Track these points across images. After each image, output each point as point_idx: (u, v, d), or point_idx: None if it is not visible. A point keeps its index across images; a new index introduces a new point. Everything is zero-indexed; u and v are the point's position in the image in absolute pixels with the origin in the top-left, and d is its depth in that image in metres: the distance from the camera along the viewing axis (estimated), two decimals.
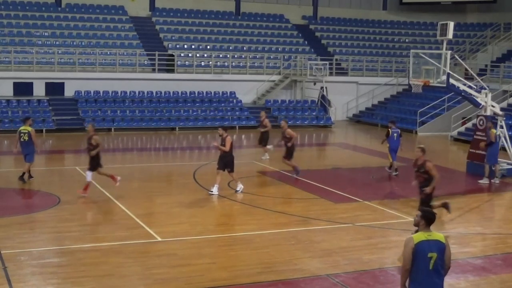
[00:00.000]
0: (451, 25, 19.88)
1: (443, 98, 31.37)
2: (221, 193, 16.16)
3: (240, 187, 16.24)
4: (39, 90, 30.27)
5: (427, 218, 7.05)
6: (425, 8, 43.19)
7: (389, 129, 19.97)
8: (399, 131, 20.10)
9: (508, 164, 19.72)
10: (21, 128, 17.20)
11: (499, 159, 19.56)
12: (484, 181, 18.60)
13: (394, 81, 37.24)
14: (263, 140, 22.13)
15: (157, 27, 36.71)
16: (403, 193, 17.12)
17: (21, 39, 32.11)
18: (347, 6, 42.72)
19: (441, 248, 6.96)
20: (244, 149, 26.47)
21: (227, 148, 15.80)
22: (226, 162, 16.00)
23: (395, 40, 41.68)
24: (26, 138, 16.98)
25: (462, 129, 29.22)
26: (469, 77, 24.99)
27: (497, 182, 18.66)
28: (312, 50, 37.78)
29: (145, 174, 19.20)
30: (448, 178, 20.06)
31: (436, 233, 7.04)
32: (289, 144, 19.07)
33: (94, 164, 15.46)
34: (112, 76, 31.33)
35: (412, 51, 22.29)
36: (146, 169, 20.45)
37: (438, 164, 22.37)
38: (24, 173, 16.95)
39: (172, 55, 33.76)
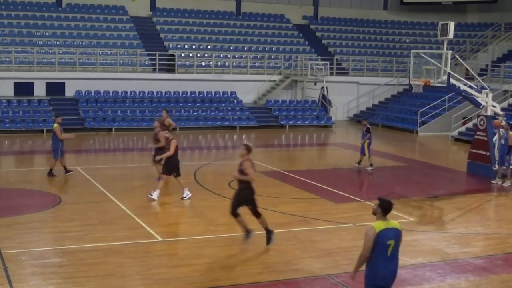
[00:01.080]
0: (452, 25, 19.87)
1: (444, 98, 31.37)
2: (222, 193, 16.15)
3: (187, 194, 15.37)
4: (39, 90, 30.28)
5: (384, 208, 7.47)
6: (426, 8, 43.18)
7: (368, 126, 20.48)
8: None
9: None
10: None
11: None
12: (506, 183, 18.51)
13: (394, 81, 37.23)
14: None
15: (158, 27, 36.71)
16: (404, 193, 17.12)
17: (21, 39, 32.12)
18: (347, 6, 42.71)
19: (397, 235, 7.48)
20: None
21: (171, 151, 15.14)
22: (171, 166, 15.28)
23: (395, 40, 41.67)
24: (51, 135, 17.86)
25: (462, 129, 29.21)
26: (469, 77, 25.00)
27: (499, 182, 18.59)
28: (313, 50, 37.77)
29: (145, 174, 19.18)
30: (448, 178, 20.08)
31: (392, 221, 7.54)
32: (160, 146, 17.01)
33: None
34: (113, 76, 31.33)
35: (412, 51, 22.28)
36: (147, 169, 20.44)
37: (439, 164, 22.55)
38: (51, 169, 17.65)
39: (173, 55, 33.77)
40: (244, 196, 11.56)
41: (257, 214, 11.70)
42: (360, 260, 7.46)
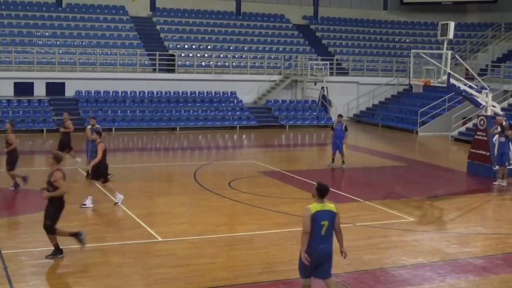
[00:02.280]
0: (452, 25, 19.87)
1: (444, 98, 31.37)
2: (222, 193, 16.15)
3: (119, 198, 14.59)
4: (39, 90, 30.28)
5: (321, 191, 8.25)
6: (426, 8, 43.18)
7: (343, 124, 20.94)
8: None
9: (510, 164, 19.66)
10: None
11: None
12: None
13: (394, 81, 37.24)
14: (65, 144, 19.29)
15: (158, 27, 36.71)
16: (404, 193, 17.13)
17: (21, 39, 32.12)
18: (347, 6, 42.71)
19: (332, 216, 8.20)
20: (244, 149, 26.50)
21: (99, 156, 14.40)
22: (99, 171, 14.48)
23: (395, 40, 41.67)
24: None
25: (462, 129, 29.22)
26: (469, 77, 24.99)
27: (502, 183, 18.53)
28: (313, 50, 37.77)
29: (145, 174, 19.20)
30: (448, 178, 20.08)
31: (329, 204, 8.27)
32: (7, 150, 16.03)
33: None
34: (113, 76, 31.33)
35: (412, 51, 22.29)
36: (147, 169, 20.46)
37: (439, 164, 22.55)
38: (88, 171, 17.18)
39: (173, 55, 33.77)
40: (54, 208, 10.63)
41: (51, 231, 10.64)
42: (303, 238, 8.17)
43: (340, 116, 21.54)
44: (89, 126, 17.54)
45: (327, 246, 8.26)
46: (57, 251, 10.73)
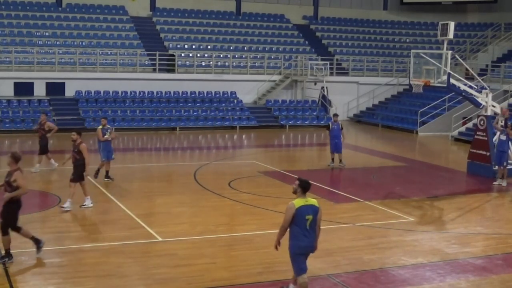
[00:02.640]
0: (452, 25, 19.86)
1: (444, 98, 31.37)
2: (222, 193, 16.15)
3: (88, 202, 14.23)
4: (39, 90, 30.28)
5: (303, 187, 8.61)
6: (426, 8, 43.19)
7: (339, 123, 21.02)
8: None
9: (508, 164, 19.66)
10: None
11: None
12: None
13: (394, 81, 37.24)
14: (44, 147, 19.21)
15: (158, 27, 36.71)
16: (404, 193, 17.13)
17: (21, 39, 32.12)
18: (347, 6, 42.72)
19: (315, 211, 8.61)
20: (244, 149, 26.50)
21: (85, 156, 14.00)
22: (81, 171, 14.08)
23: (395, 40, 41.67)
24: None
25: (462, 129, 29.22)
26: (469, 77, 24.99)
27: (502, 183, 18.53)
28: (313, 50, 37.77)
29: (145, 174, 19.19)
30: (448, 178, 20.08)
31: (311, 199, 8.66)
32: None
33: None
34: (113, 76, 31.33)
35: (412, 51, 22.28)
36: (147, 169, 20.46)
37: (439, 164, 22.54)
38: (107, 172, 17.45)
39: (173, 55, 33.77)
40: (10, 209, 10.35)
41: (4, 232, 10.39)
42: (281, 230, 8.65)
43: (335, 115, 21.65)
44: (100, 127, 17.47)
45: (312, 239, 8.66)
46: (8, 256, 10.49)
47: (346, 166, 20.63)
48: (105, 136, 17.30)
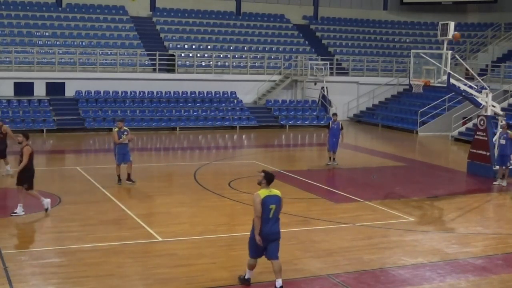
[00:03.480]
0: (452, 25, 19.86)
1: (444, 98, 31.37)
2: (222, 193, 16.15)
3: (19, 210, 13.47)
4: (39, 90, 30.28)
5: (268, 179, 9.39)
6: (426, 8, 43.18)
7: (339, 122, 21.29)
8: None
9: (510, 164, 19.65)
10: None
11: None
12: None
13: (394, 81, 37.23)
14: (2, 151, 18.55)
15: (158, 27, 36.71)
16: (404, 193, 17.13)
17: (21, 39, 32.12)
18: (347, 6, 42.71)
19: (278, 201, 9.33)
20: (244, 149, 26.50)
21: (25, 161, 13.50)
22: (24, 177, 13.59)
23: (395, 40, 41.67)
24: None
25: (462, 129, 29.22)
26: (469, 77, 24.98)
27: (502, 183, 18.52)
28: (313, 50, 37.77)
29: (145, 174, 19.19)
30: (448, 178, 20.08)
31: (274, 190, 9.39)
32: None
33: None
34: (113, 76, 31.33)
35: (412, 51, 22.28)
36: (147, 169, 20.45)
37: (439, 164, 22.54)
38: (129, 174, 17.13)
39: (173, 55, 33.77)
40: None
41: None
42: (256, 221, 9.25)
43: (335, 114, 21.73)
44: (116, 129, 16.99)
45: (275, 227, 9.34)
46: None
47: (339, 165, 20.63)
48: (121, 140, 16.84)
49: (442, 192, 17.43)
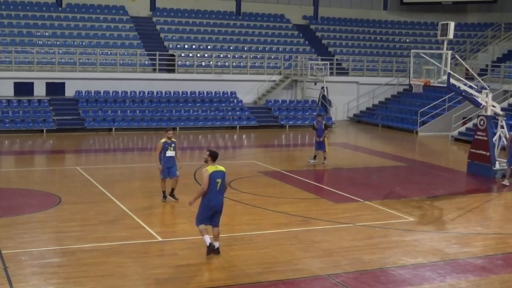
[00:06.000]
0: (452, 25, 19.86)
1: (444, 98, 31.37)
2: None
3: None
4: (39, 90, 30.28)
5: (212, 156, 10.71)
6: (426, 8, 43.18)
7: (324, 122, 21.57)
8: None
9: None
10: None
11: (498, 159, 19.59)
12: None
13: (394, 81, 37.23)
14: None
15: (158, 27, 36.72)
16: (404, 193, 17.12)
17: (21, 39, 32.12)
18: (347, 6, 42.71)
19: (223, 175, 10.74)
20: (244, 149, 26.50)
21: None
22: None
23: (395, 40, 41.67)
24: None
25: (462, 129, 29.21)
26: (469, 77, 25.00)
27: (504, 183, 18.49)
28: (313, 50, 37.77)
29: (145, 174, 19.18)
30: (448, 178, 20.08)
31: (219, 166, 10.76)
32: None
33: None
34: (113, 76, 31.33)
35: (412, 51, 22.27)
36: (147, 169, 20.44)
37: (439, 164, 22.54)
38: (172, 189, 15.52)
39: (173, 55, 33.77)
40: None
41: None
42: (200, 193, 10.70)
43: (319, 115, 22.06)
44: (163, 140, 15.25)
45: (221, 199, 10.76)
46: None
47: (328, 164, 20.84)
48: (167, 153, 15.23)
49: (442, 192, 17.42)
